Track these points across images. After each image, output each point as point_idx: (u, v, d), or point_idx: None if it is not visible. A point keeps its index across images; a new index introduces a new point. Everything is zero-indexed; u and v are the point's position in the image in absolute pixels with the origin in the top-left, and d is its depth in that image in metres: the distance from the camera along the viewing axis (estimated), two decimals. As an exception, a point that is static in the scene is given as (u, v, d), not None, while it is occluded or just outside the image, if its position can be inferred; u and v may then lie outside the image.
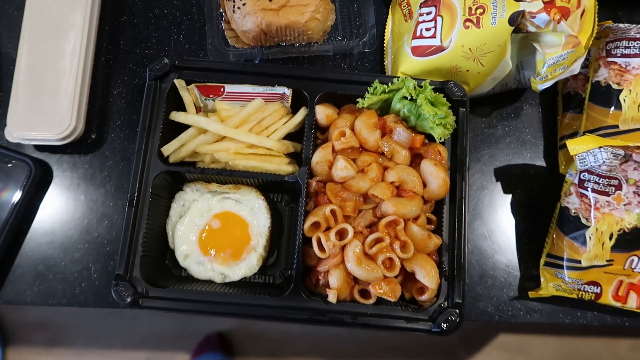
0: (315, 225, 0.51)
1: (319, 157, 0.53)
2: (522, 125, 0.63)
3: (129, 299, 0.50)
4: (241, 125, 0.56)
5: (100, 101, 0.61)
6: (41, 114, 0.57)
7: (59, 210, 0.58)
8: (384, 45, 0.63)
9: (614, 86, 0.54)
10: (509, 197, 0.60)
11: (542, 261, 0.57)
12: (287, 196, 0.60)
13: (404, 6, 0.60)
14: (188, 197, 0.57)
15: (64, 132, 0.56)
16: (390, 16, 0.63)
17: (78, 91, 0.57)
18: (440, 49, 0.53)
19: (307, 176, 0.53)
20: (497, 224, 0.60)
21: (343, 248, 0.50)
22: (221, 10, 0.60)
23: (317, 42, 0.59)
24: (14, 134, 0.57)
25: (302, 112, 0.57)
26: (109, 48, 0.62)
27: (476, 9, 0.51)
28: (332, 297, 0.50)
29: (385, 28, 0.63)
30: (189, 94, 0.56)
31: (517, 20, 0.49)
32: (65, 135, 0.56)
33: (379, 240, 0.50)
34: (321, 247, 0.50)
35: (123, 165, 0.60)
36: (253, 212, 0.57)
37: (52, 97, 0.57)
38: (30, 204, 0.58)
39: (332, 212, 0.51)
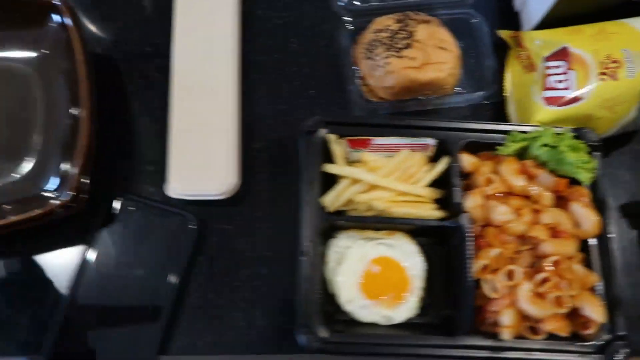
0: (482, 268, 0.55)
1: (473, 203, 0.57)
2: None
3: (314, 344, 0.52)
4: (390, 174, 0.60)
5: (244, 156, 0.64)
6: (202, 170, 0.59)
7: (215, 261, 0.60)
8: (504, 94, 0.68)
9: None
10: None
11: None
12: (430, 239, 0.63)
13: (523, 59, 0.65)
14: (342, 243, 0.60)
15: (226, 187, 0.59)
16: (508, 68, 0.68)
17: (234, 146, 0.60)
18: (575, 99, 0.59)
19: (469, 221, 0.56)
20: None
21: (512, 288, 0.54)
22: (355, 67, 0.64)
23: (447, 94, 0.64)
24: (175, 190, 0.59)
25: (445, 161, 0.60)
26: (245, 105, 0.65)
27: (611, 63, 0.57)
28: (507, 335, 0.53)
29: (502, 78, 0.68)
30: (339, 147, 0.60)
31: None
32: (225, 190, 0.59)
33: (545, 279, 0.54)
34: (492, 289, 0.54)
35: (274, 218, 0.62)
36: (407, 255, 0.60)
37: (210, 153, 0.60)
38: (192, 259, 0.59)
39: (500, 254, 0.55)
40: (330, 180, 0.61)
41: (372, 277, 0.59)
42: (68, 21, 0.57)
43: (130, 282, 0.58)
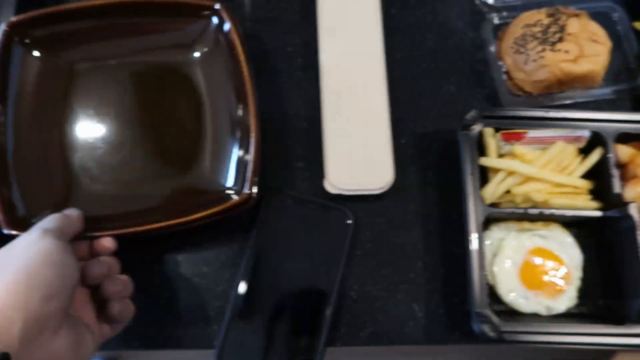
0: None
1: (635, 193, 0.58)
2: None
3: (493, 333, 0.53)
4: (545, 166, 0.61)
5: (393, 151, 0.65)
6: (360, 165, 0.61)
7: (371, 254, 0.62)
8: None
9: None
10: None
11: None
12: (582, 231, 0.63)
13: (664, 50, 0.66)
14: (495, 235, 0.61)
15: (385, 182, 0.60)
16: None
17: (388, 141, 0.62)
18: None
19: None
20: None
21: (686, 275, 0.55)
22: (500, 62, 0.65)
23: (594, 87, 0.65)
24: (335, 186, 0.60)
25: (598, 152, 0.61)
26: (389, 101, 0.67)
27: None
28: (685, 323, 0.54)
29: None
30: (494, 140, 0.61)
31: None
32: (384, 185, 0.60)
33: None
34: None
35: (424, 209, 0.64)
36: (562, 247, 0.61)
37: (367, 149, 0.61)
38: (350, 253, 0.61)
39: (673, 242, 0.55)
40: (480, 174, 0.62)
41: (531, 268, 0.60)
42: (228, 23, 0.59)
43: (293, 276, 0.59)
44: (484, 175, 0.62)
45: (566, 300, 0.59)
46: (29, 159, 0.57)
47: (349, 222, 0.61)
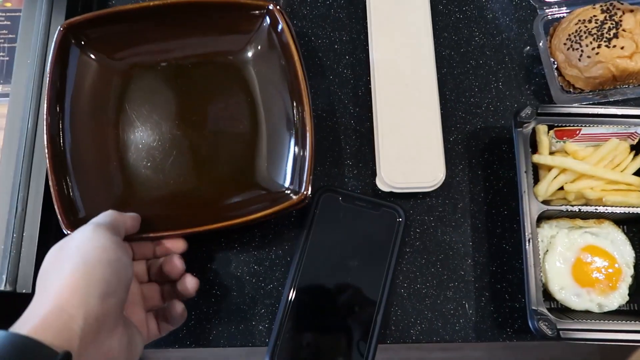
0: None
1: (690, 190, 0.58)
2: None
3: (551, 331, 0.53)
4: (598, 163, 0.61)
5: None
6: (412, 162, 0.61)
7: (420, 252, 0.62)
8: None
9: None
10: None
11: None
12: (632, 227, 0.63)
13: None
14: (546, 233, 0.61)
15: (437, 179, 0.61)
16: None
17: (439, 138, 0.62)
18: None
19: (695, 208, 0.57)
20: None
21: None
22: (551, 59, 0.65)
23: (646, 82, 0.64)
24: (387, 183, 0.61)
25: (651, 148, 0.61)
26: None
27: None
28: None
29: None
30: (546, 137, 0.61)
31: None
32: (436, 182, 0.61)
33: None
34: None
35: (473, 206, 0.64)
36: (614, 244, 0.61)
37: (419, 146, 0.62)
38: (400, 250, 0.61)
39: None
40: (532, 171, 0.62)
41: (583, 265, 0.60)
42: (281, 23, 0.60)
43: (344, 274, 0.60)
44: (535, 172, 0.63)
45: (618, 298, 0.59)
46: (87, 160, 0.59)
47: (400, 219, 0.61)
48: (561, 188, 0.61)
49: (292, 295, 0.59)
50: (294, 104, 0.59)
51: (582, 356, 1.40)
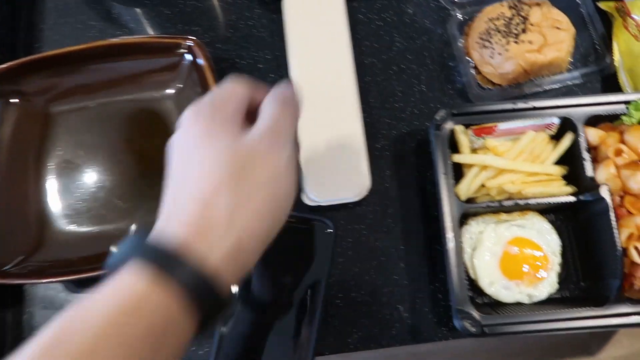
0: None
1: (606, 175, 0.59)
2: None
3: (474, 329, 0.55)
4: (518, 157, 0.62)
5: (368, 157, 0.66)
6: (336, 175, 0.62)
7: (353, 261, 0.64)
8: (614, 65, 0.68)
9: None
10: None
11: None
12: (558, 216, 0.65)
13: (631, 28, 0.66)
14: (474, 229, 0.63)
15: (363, 191, 0.62)
16: (615, 38, 0.68)
17: (363, 149, 0.63)
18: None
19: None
20: None
21: (660, 253, 0.56)
22: (468, 58, 0.66)
23: (561, 73, 0.65)
24: (312, 197, 0.62)
25: (569, 137, 0.62)
26: (362, 107, 0.68)
27: None
28: (660, 300, 0.55)
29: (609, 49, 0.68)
30: (465, 137, 0.62)
31: None
32: (361, 192, 0.62)
33: (694, 241, 0.55)
34: None
35: (404, 211, 0.65)
36: (540, 234, 0.62)
37: (343, 159, 0.63)
38: (333, 261, 0.63)
39: (644, 222, 0.56)
40: (455, 171, 0.64)
41: (511, 258, 0.61)
42: (200, 59, 0.61)
43: (279, 290, 0.61)
44: (461, 171, 0.64)
45: (547, 287, 0.60)
46: (3, 208, 0.59)
47: (330, 230, 0.62)
48: (484, 185, 0.62)
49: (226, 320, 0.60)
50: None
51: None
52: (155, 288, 0.30)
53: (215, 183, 0.33)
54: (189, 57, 0.62)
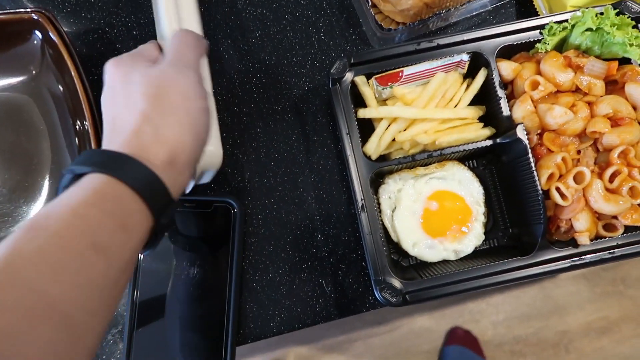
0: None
1: (523, 112, 0.53)
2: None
3: (394, 299, 0.50)
4: (429, 103, 0.56)
5: (268, 122, 0.60)
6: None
7: (267, 238, 0.58)
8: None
9: None
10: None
11: None
12: (481, 160, 0.60)
13: (540, -59, 0.59)
14: (392, 188, 0.57)
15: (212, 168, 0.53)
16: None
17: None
18: (610, -28, 0.53)
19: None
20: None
21: (583, 191, 0.52)
22: (365, -4, 0.58)
23: (468, 2, 0.58)
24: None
25: (482, 74, 0.56)
26: (256, 67, 0.60)
27: None
28: (585, 240, 0.51)
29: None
30: (369, 88, 0.56)
31: None
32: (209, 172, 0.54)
33: (615, 173, 0.51)
34: (562, 196, 0.51)
35: (314, 177, 0.59)
36: (462, 184, 0.57)
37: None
38: (243, 243, 0.57)
39: (563, 159, 0.52)
40: (366, 125, 0.58)
41: (432, 215, 0.56)
42: (52, 35, 0.52)
43: (188, 283, 0.56)
44: (373, 127, 0.57)
45: (473, 240, 0.56)
46: None
47: (235, 210, 0.56)
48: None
49: (135, 320, 0.54)
50: (78, 120, 0.52)
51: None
52: (112, 184, 0.35)
53: (140, 107, 0.39)
54: (38, 34, 0.53)
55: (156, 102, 0.39)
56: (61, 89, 0.53)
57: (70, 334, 0.30)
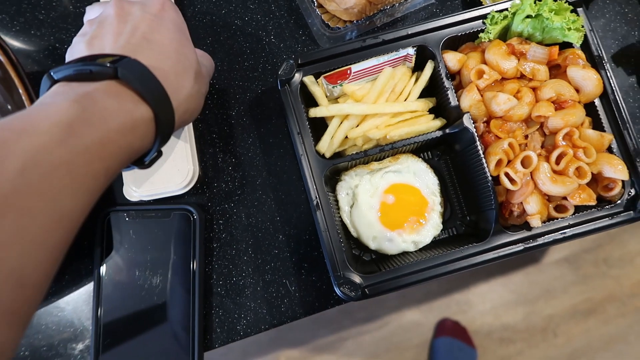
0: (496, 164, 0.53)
1: (470, 101, 0.54)
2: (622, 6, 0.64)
3: (353, 293, 0.51)
4: (378, 98, 0.57)
5: (224, 127, 0.60)
6: (161, 168, 0.55)
7: (229, 243, 0.58)
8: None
9: None
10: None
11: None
12: (435, 151, 0.61)
13: None
14: (348, 184, 0.58)
15: (188, 181, 0.55)
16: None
17: (188, 134, 0.56)
18: (545, -42, 0.54)
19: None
20: None
21: (531, 174, 0.53)
22: (310, -2, 0.59)
23: (412, -5, 0.59)
24: (133, 192, 0.55)
25: (429, 66, 0.57)
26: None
27: None
28: (536, 222, 0.52)
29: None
30: (319, 87, 0.56)
31: None
32: (188, 182, 0.55)
33: (561, 155, 0.52)
34: (511, 181, 0.52)
35: (272, 179, 0.60)
36: (417, 176, 0.58)
37: (167, 150, 0.55)
38: (205, 249, 0.57)
39: (510, 145, 0.53)
40: (320, 124, 0.58)
41: (389, 208, 0.57)
42: None
43: (151, 292, 0.56)
44: (326, 125, 0.58)
45: (431, 230, 0.57)
46: None
47: (195, 217, 0.57)
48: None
49: (100, 335, 0.54)
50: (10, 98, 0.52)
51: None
52: (116, 83, 0.39)
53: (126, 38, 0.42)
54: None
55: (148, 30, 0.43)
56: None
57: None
